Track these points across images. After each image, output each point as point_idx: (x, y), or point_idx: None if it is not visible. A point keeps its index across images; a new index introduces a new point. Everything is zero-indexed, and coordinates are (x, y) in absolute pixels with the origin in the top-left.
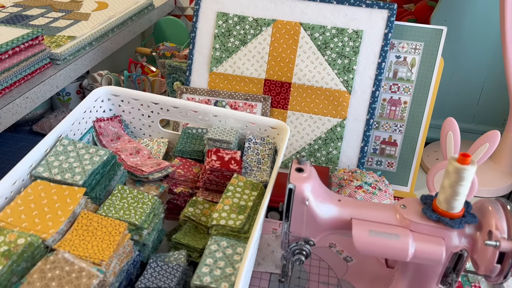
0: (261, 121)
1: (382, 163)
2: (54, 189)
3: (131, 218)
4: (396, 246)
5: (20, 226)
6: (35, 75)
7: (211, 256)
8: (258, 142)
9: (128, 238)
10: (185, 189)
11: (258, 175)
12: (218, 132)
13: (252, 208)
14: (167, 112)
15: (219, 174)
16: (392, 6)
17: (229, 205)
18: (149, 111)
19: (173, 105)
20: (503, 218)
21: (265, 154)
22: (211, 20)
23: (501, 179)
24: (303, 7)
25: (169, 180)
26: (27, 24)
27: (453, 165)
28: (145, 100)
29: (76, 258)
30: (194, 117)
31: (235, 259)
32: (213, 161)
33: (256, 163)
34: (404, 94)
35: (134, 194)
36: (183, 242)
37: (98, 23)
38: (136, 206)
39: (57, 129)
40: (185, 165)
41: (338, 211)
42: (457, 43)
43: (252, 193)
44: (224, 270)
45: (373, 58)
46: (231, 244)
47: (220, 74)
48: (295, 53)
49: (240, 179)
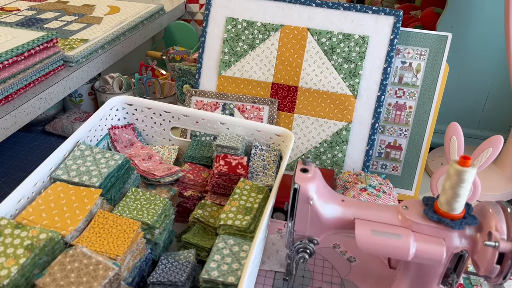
0: (267, 129)
1: (387, 167)
2: (72, 190)
3: (144, 218)
4: (397, 246)
5: (41, 223)
6: (48, 77)
7: (219, 253)
8: (264, 149)
9: (141, 236)
10: (194, 192)
11: (263, 179)
12: (226, 139)
13: (257, 210)
14: (178, 120)
15: (227, 178)
16: (398, 12)
17: (236, 207)
18: (161, 119)
19: (184, 114)
20: (503, 220)
21: (271, 160)
22: (221, 25)
23: (506, 185)
24: (311, 13)
25: (179, 184)
26: (42, 27)
27: (454, 167)
28: (157, 108)
29: (94, 253)
30: (204, 124)
31: (241, 255)
32: (221, 166)
33: (262, 169)
34: (409, 99)
35: (146, 196)
36: (192, 241)
37: (110, 27)
38: (148, 207)
39: (75, 135)
40: (194, 170)
41: (342, 211)
42: (463, 49)
43: (257, 196)
44: (231, 265)
45: (379, 63)
46: (238, 243)
47: (228, 78)
48: (302, 57)
49: (247, 183)
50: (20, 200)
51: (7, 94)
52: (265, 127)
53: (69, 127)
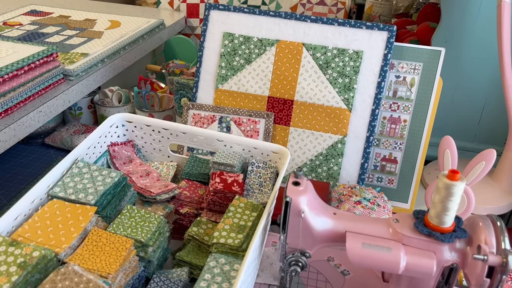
0: (263, 146)
1: (383, 180)
2: (68, 208)
3: (138, 235)
4: (388, 259)
5: (36, 240)
6: (48, 90)
7: (210, 272)
8: (260, 166)
9: (133, 254)
10: (191, 210)
11: (259, 197)
12: (223, 156)
13: (251, 228)
14: (176, 137)
15: (222, 195)
16: (392, 28)
17: (230, 225)
18: (160, 136)
19: (182, 131)
20: (493, 233)
21: (267, 177)
22: (218, 40)
23: (501, 198)
24: (306, 28)
25: (176, 201)
26: (43, 41)
27: (443, 181)
28: (156, 126)
29: (85, 271)
30: (201, 142)
31: (231, 275)
32: (217, 183)
33: (258, 186)
34: (404, 113)
35: (141, 214)
36: (186, 259)
37: (111, 41)
38: (143, 225)
39: (74, 152)
40: (191, 187)
41: (333, 224)
42: (458, 64)
43: (252, 213)
44: (220, 285)
45: (373, 77)
46: (229, 261)
47: (225, 91)
48: (297, 72)
49: (241, 201)
50: (17, 217)
51: (6, 107)
52: (261, 144)
53: (69, 140)
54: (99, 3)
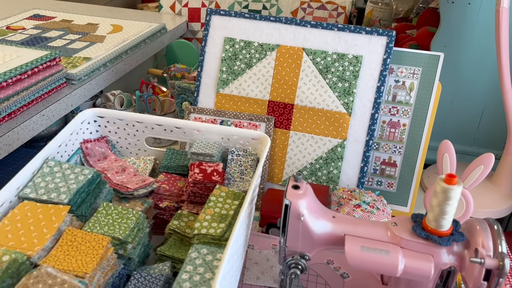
0: (242, 133)
1: (383, 183)
2: (40, 209)
3: (115, 233)
4: (386, 262)
5: (7, 245)
6: (51, 94)
7: (191, 264)
8: (240, 154)
9: (111, 251)
10: (171, 203)
11: (241, 185)
12: (201, 146)
13: (233, 217)
14: (152, 130)
15: (202, 186)
16: (391, 33)
17: (211, 215)
18: (135, 130)
19: (157, 123)
20: (490, 237)
21: (248, 165)
22: (219, 44)
23: (501, 201)
24: (306, 33)
25: (155, 195)
26: (46, 45)
27: (440, 185)
28: (130, 119)
29: (59, 272)
30: (179, 133)
31: (214, 264)
32: (196, 174)
33: (239, 174)
34: (403, 117)
35: (118, 210)
36: (167, 254)
37: (113, 45)
38: (120, 221)
39: (44, 152)
40: (170, 180)
41: (332, 227)
42: (457, 68)
43: (233, 202)
44: (203, 275)
45: (372, 82)
46: (212, 251)
47: (226, 95)
48: (297, 76)
49: (222, 190)
50: None
51: (10, 111)
52: (240, 132)
53: None
54: (101, 8)
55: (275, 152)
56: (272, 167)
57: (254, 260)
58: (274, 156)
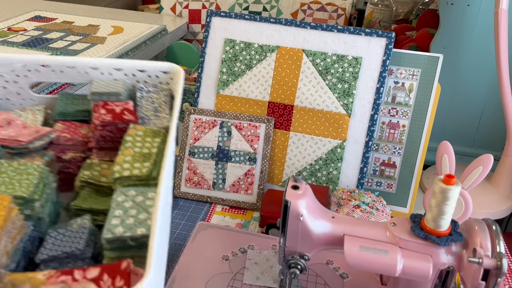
0: (149, 66)
1: (382, 184)
2: None
3: (17, 191)
4: (385, 262)
5: None
6: None
7: (120, 208)
8: (151, 90)
9: (16, 212)
10: (76, 154)
11: (157, 122)
12: (103, 85)
13: (157, 155)
14: (38, 72)
15: (113, 128)
16: (390, 34)
17: (131, 156)
18: (14, 76)
19: (42, 63)
20: (488, 237)
21: (161, 102)
22: (219, 46)
23: (500, 202)
24: (306, 35)
25: (55, 147)
26: (47, 47)
27: (439, 185)
28: (5, 63)
29: None
30: (72, 74)
31: (147, 204)
32: (103, 115)
33: (153, 112)
34: (403, 118)
35: (15, 167)
36: (84, 207)
37: (114, 47)
38: (20, 178)
39: None
40: (70, 128)
41: (332, 227)
42: (456, 69)
43: (154, 139)
44: (137, 217)
45: (372, 83)
46: (141, 192)
47: (226, 96)
48: (297, 77)
49: (138, 129)
50: None
51: None
52: (146, 65)
53: None
54: (102, 9)
55: (275, 153)
56: (272, 167)
57: (254, 260)
58: (274, 157)
